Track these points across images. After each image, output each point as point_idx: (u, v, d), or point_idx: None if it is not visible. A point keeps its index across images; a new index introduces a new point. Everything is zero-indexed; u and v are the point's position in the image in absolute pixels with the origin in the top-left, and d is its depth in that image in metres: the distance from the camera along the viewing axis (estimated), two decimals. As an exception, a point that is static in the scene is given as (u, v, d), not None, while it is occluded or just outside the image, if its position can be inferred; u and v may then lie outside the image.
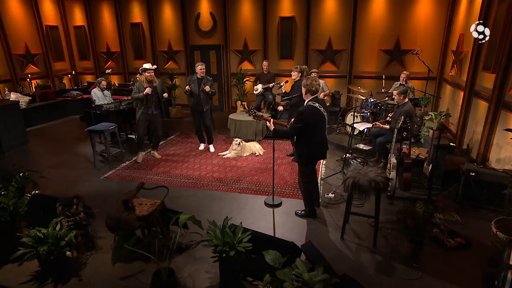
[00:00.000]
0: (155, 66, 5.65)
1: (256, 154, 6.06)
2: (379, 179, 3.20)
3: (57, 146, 6.76)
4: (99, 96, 6.67)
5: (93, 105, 6.20)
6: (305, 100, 3.58)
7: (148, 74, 5.34)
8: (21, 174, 3.42)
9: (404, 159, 4.08)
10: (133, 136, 7.07)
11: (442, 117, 4.36)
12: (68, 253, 2.95)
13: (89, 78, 10.60)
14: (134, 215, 3.10)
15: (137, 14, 9.67)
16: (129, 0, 9.55)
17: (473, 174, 3.98)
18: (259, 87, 7.83)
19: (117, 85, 9.54)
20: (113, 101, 6.71)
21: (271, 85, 7.68)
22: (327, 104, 7.39)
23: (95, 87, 6.93)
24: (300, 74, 5.35)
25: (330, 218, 3.93)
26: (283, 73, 8.82)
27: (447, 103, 7.20)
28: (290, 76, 5.63)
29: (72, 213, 3.29)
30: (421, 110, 6.13)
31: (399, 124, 4.05)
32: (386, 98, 6.16)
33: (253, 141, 6.48)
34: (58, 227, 3.04)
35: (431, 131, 4.51)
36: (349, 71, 8.47)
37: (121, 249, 2.71)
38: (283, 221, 3.89)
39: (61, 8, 10.11)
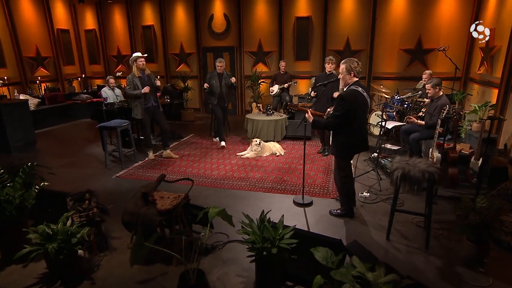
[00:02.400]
0: (146, 55, 5.39)
1: (277, 154, 5.68)
2: (432, 169, 2.80)
3: (66, 147, 6.46)
4: (110, 95, 6.39)
5: (104, 103, 5.90)
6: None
7: (140, 62, 5.07)
8: (29, 164, 3.07)
9: (449, 152, 3.68)
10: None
11: (489, 108, 3.97)
12: (80, 251, 2.57)
13: (99, 82, 10.40)
14: (155, 210, 2.73)
15: (149, 17, 9.52)
16: (141, 3, 9.42)
17: (528, 169, 3.56)
18: (275, 88, 7.54)
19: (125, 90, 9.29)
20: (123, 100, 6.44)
21: (286, 85, 7.38)
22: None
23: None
24: (335, 66, 5.13)
25: (369, 217, 3.52)
26: (299, 74, 8.53)
27: (476, 103, 6.80)
28: (307, 78, 5.51)
29: (84, 209, 2.93)
30: (455, 106, 5.74)
31: (443, 115, 3.67)
32: (415, 94, 5.80)
33: (271, 141, 6.12)
34: (69, 222, 2.67)
35: (474, 124, 4.12)
36: (368, 72, 8.14)
37: (141, 248, 2.33)
38: (316, 221, 3.48)
39: (73, 12, 10.02)
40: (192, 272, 2.25)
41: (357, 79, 3.19)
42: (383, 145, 5.72)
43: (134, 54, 5.14)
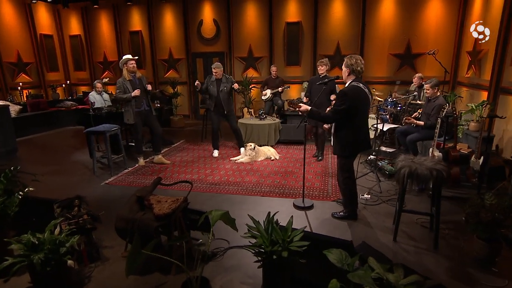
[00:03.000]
0: (137, 57, 5.22)
1: (272, 159, 5.56)
2: (439, 167, 2.73)
3: (51, 155, 6.15)
4: (98, 99, 6.16)
5: (92, 108, 5.66)
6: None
7: (131, 65, 4.91)
8: (11, 168, 2.84)
9: (450, 152, 3.64)
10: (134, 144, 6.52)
11: (486, 107, 3.98)
12: (69, 262, 2.35)
13: (84, 88, 10.09)
14: (151, 215, 2.54)
15: (136, 22, 9.34)
16: (128, 8, 9.25)
17: (528, 167, 3.55)
18: (268, 92, 7.46)
19: (113, 96, 9.03)
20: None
21: (280, 88, 7.32)
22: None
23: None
24: (327, 68, 5.00)
25: (373, 219, 3.41)
26: (290, 80, 8.48)
27: (464, 106, 6.89)
28: (299, 83, 5.39)
29: (73, 216, 2.70)
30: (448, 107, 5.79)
31: (443, 113, 3.63)
32: (410, 96, 5.81)
33: (265, 145, 5.99)
34: (57, 231, 2.44)
35: (472, 124, 4.11)
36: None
37: (138, 256, 2.14)
38: (319, 224, 3.35)
39: (57, 17, 9.75)
40: (195, 281, 2.08)
41: (354, 77, 3.12)
42: (377, 148, 5.68)
43: (124, 57, 4.98)
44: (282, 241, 2.08)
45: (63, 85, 9.89)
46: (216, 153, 5.86)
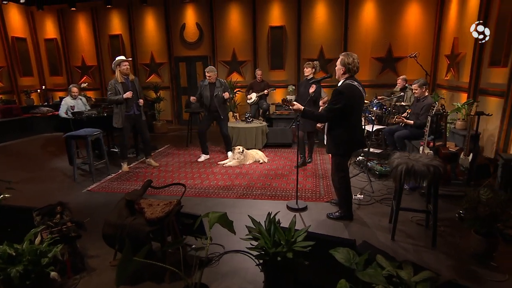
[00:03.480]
0: (130, 59, 5.07)
1: (260, 162, 5.46)
2: (435, 163, 2.73)
3: (27, 162, 5.80)
4: (75, 105, 5.82)
5: (71, 112, 5.38)
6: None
7: (124, 67, 4.79)
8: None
9: (440, 149, 3.68)
10: (117, 150, 6.26)
11: (474, 106, 4.07)
12: (53, 273, 2.15)
13: (61, 94, 9.66)
14: (142, 219, 2.38)
15: (116, 26, 9.09)
16: (107, 11, 8.99)
17: (515, 163, 3.64)
18: (253, 96, 7.40)
19: (93, 100, 8.70)
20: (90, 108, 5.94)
21: (266, 91, 7.27)
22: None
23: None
24: (314, 70, 4.94)
25: (368, 219, 3.37)
26: (274, 83, 8.46)
27: (446, 107, 7.08)
28: (283, 87, 5.30)
29: (56, 223, 2.50)
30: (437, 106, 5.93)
31: (433, 112, 3.67)
32: (396, 96, 5.91)
33: (253, 149, 5.90)
34: (38, 240, 2.24)
35: (458, 122, 4.19)
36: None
37: (129, 264, 1.98)
38: (315, 225, 3.27)
39: (31, 20, 9.34)
40: (194, 287, 1.94)
41: (349, 75, 3.10)
42: (365, 149, 5.72)
43: (118, 58, 4.83)
44: (286, 241, 1.98)
45: (38, 90, 9.44)
46: (203, 157, 5.70)
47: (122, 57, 4.85)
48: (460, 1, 6.60)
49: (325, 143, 3.36)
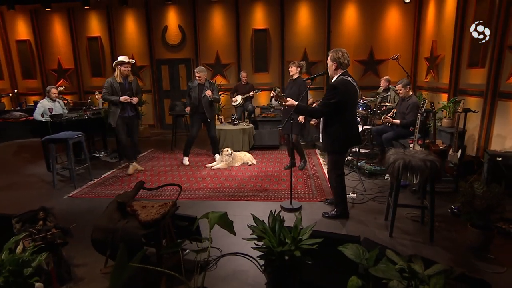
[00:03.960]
0: (133, 60, 4.91)
1: (249, 164, 5.37)
2: (431, 158, 2.75)
3: (0, 169, 5.43)
4: (53, 107, 5.52)
5: (50, 115, 5.11)
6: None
7: (125, 69, 4.62)
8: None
9: (431, 146, 3.74)
10: (98, 155, 5.99)
11: (456, 104, 4.17)
12: (38, 284, 1.96)
13: (35, 98, 9.19)
14: (136, 222, 2.23)
15: (95, 27, 8.79)
16: (85, 13, 8.68)
17: (500, 158, 3.74)
18: (238, 98, 7.31)
19: (71, 104, 8.33)
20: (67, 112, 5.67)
21: (252, 93, 7.22)
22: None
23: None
24: (299, 70, 4.89)
25: (364, 217, 3.35)
26: (258, 86, 8.39)
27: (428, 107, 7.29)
28: (267, 90, 5.24)
29: (39, 230, 2.30)
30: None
31: (423, 109, 3.73)
32: (382, 96, 6.01)
33: (240, 151, 5.80)
34: (19, 248, 2.04)
35: (444, 120, 4.28)
36: (325, 83, 8.35)
37: (124, 271, 1.84)
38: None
39: (0, 19, 8.86)
40: (197, 292, 1.82)
41: (342, 71, 3.10)
42: (352, 149, 5.75)
43: (120, 58, 4.69)
44: (292, 239, 1.90)
45: (10, 94, 8.94)
46: (186, 160, 5.54)
47: (125, 58, 4.69)
48: (437, 5, 6.84)
49: (321, 141, 3.32)
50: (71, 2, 8.44)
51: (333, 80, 3.10)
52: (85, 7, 8.26)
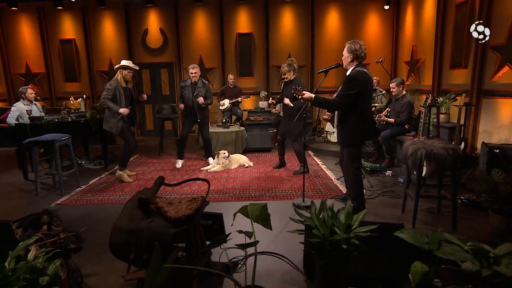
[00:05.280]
0: (137, 67, 4.63)
1: (245, 166, 5.21)
2: (452, 146, 2.76)
3: (-36, 181, 4.83)
4: (31, 109, 5.06)
5: (29, 117, 4.66)
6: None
7: (128, 73, 4.37)
8: None
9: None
10: (80, 162, 5.55)
11: (451, 100, 4.31)
12: (58, 295, 1.67)
13: (0, 104, 8.44)
14: (162, 220, 2.00)
15: (69, 30, 8.29)
16: (58, 13, 8.15)
17: (497, 150, 3.89)
18: (226, 102, 7.15)
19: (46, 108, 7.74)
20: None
21: (240, 98, 7.08)
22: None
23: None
24: (292, 72, 4.81)
25: (381, 211, 3.32)
26: (243, 91, 8.30)
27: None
28: (253, 94, 5.06)
29: (46, 234, 1.99)
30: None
31: (427, 103, 3.80)
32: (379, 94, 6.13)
33: (234, 154, 5.63)
34: (31, 255, 1.74)
35: (442, 116, 4.41)
36: (310, 86, 8.43)
37: (160, 273, 1.62)
38: (329, 221, 3.11)
39: (-40, 20, 8.11)
40: (249, 291, 1.64)
41: (357, 63, 3.08)
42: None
43: (123, 62, 4.42)
44: (346, 227, 1.78)
45: (-30, 101, 8.15)
46: (179, 163, 5.28)
47: (129, 63, 4.43)
48: (415, 12, 7.18)
49: (335, 135, 3.26)
50: (41, 1, 7.91)
51: (349, 72, 3.07)
52: (58, 7, 7.78)
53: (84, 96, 7.17)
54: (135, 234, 1.97)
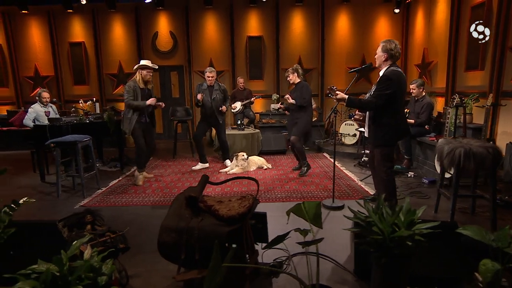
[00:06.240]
0: (156, 66, 4.58)
1: (264, 168, 5.17)
2: (491, 145, 2.74)
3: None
4: (41, 115, 4.97)
5: (48, 118, 4.60)
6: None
7: (147, 73, 4.33)
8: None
9: (462, 140, 3.78)
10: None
11: (475, 101, 4.31)
12: (117, 296, 1.61)
13: (8, 107, 8.34)
14: (212, 219, 1.95)
15: (78, 33, 8.26)
16: (67, 16, 8.12)
17: (523, 150, 3.88)
18: (238, 105, 7.13)
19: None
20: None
21: (252, 99, 7.07)
22: (314, 119, 7.01)
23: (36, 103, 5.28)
24: (296, 75, 4.81)
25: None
26: (253, 94, 8.32)
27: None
28: (262, 97, 5.09)
29: (95, 234, 1.93)
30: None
31: (454, 103, 3.79)
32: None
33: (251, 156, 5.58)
34: (87, 253, 1.68)
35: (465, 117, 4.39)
36: (320, 89, 8.43)
37: (219, 272, 1.58)
38: (363, 222, 3.07)
39: (-31, 23, 8.07)
40: (315, 290, 1.59)
41: (391, 62, 3.07)
42: (362, 151, 5.75)
43: (143, 62, 4.39)
44: (408, 223, 1.74)
45: (-22, 104, 8.07)
46: (199, 166, 5.24)
47: (148, 62, 4.40)
48: (426, 15, 7.21)
49: (366, 135, 3.23)
50: (51, 5, 7.89)
51: (382, 71, 3.05)
52: (68, 10, 7.76)
53: (94, 99, 7.12)
54: (186, 233, 1.92)
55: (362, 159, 5.20)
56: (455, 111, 3.76)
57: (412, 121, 4.81)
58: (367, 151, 5.67)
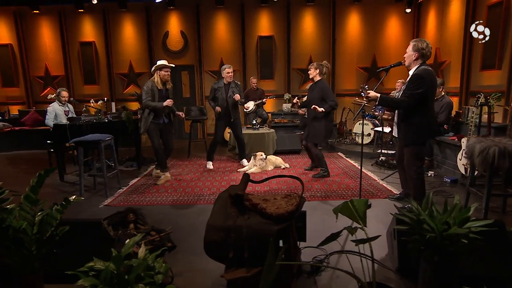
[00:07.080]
0: (173, 65, 4.57)
1: (282, 167, 5.16)
2: (523, 144, 2.74)
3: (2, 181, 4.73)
4: (60, 114, 4.97)
5: (68, 117, 4.60)
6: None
7: (165, 73, 4.31)
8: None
9: (486, 139, 3.77)
10: (111, 164, 5.46)
11: (495, 99, 4.31)
12: (174, 294, 1.60)
13: (19, 107, 8.33)
14: (258, 217, 1.94)
15: (89, 32, 8.25)
16: (78, 16, 8.12)
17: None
18: (250, 105, 7.12)
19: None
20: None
21: (264, 100, 7.07)
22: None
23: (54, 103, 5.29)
24: (318, 71, 4.74)
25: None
26: (266, 94, 8.32)
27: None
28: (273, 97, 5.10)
29: (147, 233, 1.92)
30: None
31: (479, 102, 3.79)
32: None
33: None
34: (142, 252, 1.67)
35: (484, 116, 4.39)
36: (332, 89, 8.41)
37: (272, 270, 1.58)
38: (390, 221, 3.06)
39: (-21, 22, 8.05)
40: (373, 288, 1.58)
41: (422, 61, 3.06)
42: (378, 151, 5.75)
43: (160, 62, 4.36)
44: (462, 220, 1.74)
45: (-12, 103, 8.05)
46: (210, 165, 5.23)
47: (164, 62, 4.38)
48: (438, 14, 7.20)
49: (395, 134, 3.23)
50: (62, 4, 7.88)
51: (413, 70, 3.05)
52: (79, 10, 7.76)
53: (105, 98, 7.10)
54: (234, 232, 1.91)
55: (380, 159, 5.20)
56: (480, 110, 3.74)
57: (431, 120, 4.80)
58: (383, 151, 5.69)
